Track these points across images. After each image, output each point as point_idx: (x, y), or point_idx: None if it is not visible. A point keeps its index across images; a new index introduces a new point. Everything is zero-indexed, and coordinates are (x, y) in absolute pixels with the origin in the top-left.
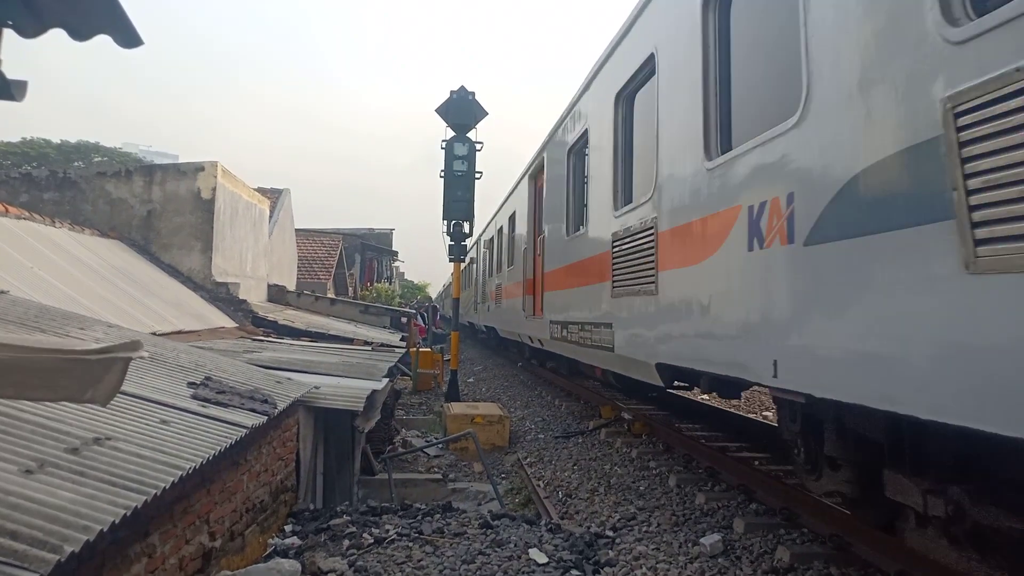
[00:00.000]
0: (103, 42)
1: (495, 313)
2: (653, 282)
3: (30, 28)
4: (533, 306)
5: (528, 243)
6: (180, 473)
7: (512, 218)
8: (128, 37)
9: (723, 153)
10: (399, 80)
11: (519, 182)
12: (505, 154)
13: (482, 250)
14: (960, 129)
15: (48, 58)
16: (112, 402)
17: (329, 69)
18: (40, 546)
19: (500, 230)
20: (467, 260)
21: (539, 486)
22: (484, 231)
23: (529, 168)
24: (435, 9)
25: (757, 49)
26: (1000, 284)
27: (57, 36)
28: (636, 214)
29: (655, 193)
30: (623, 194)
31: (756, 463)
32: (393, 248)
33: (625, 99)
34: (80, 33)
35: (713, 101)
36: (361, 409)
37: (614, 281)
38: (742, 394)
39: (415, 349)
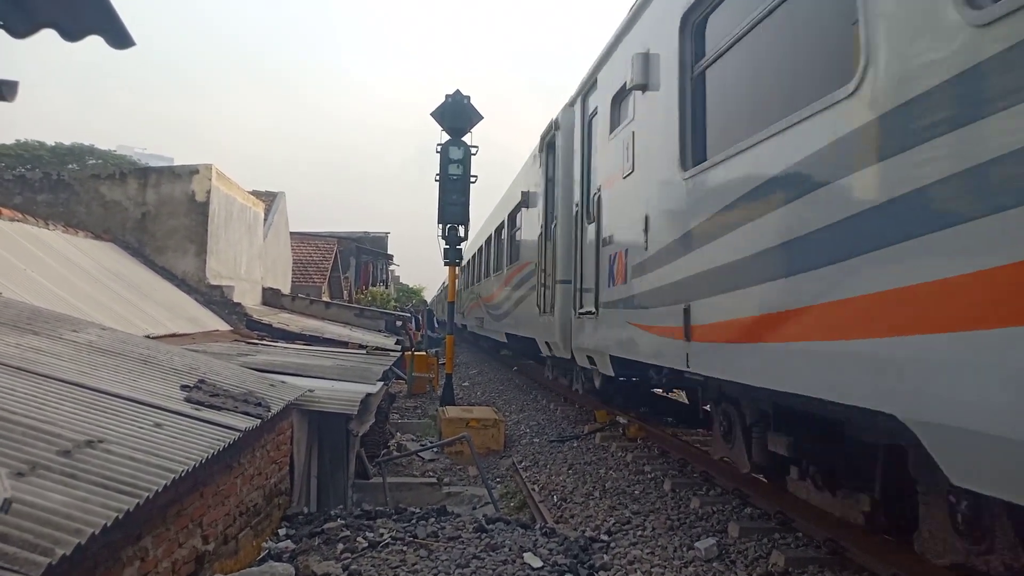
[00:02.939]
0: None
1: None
2: None
3: (21, 28)
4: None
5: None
6: (173, 476)
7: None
8: (120, 38)
9: None
10: (398, 78)
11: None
12: (505, 151)
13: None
14: None
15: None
16: (106, 405)
17: (328, 69)
18: (31, 549)
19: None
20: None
21: (534, 490)
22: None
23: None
24: (435, 9)
25: None
26: None
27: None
28: None
29: None
30: None
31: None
32: (388, 252)
33: None
34: (71, 33)
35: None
36: (355, 412)
37: None
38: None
39: (410, 353)
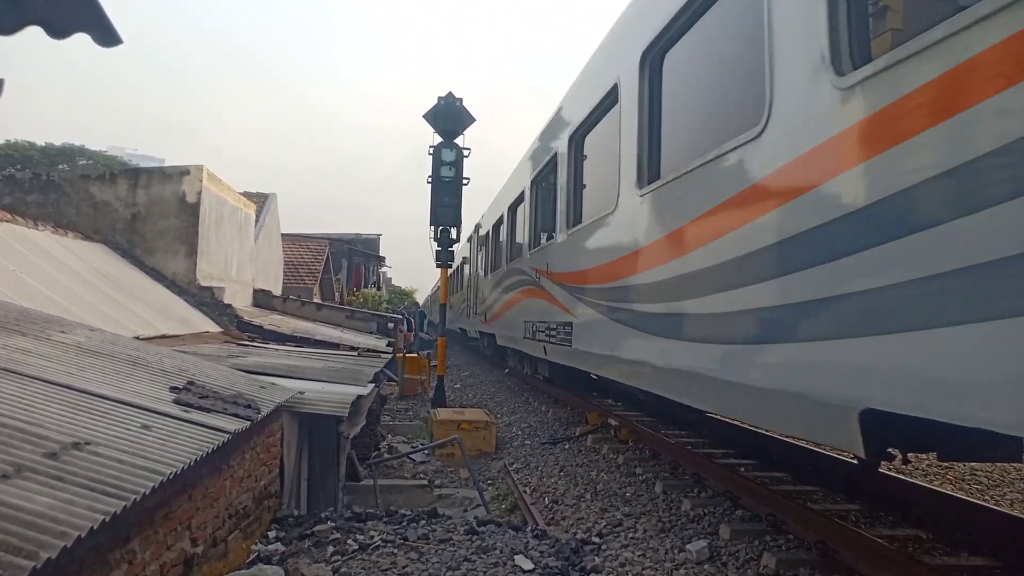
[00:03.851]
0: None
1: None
2: None
3: (7, 25)
4: None
5: None
6: (161, 478)
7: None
8: (107, 36)
9: None
10: (396, 79)
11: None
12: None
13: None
14: None
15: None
16: (93, 406)
17: (323, 69)
18: (15, 552)
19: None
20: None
21: (525, 492)
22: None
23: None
24: (434, 9)
25: None
26: None
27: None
28: None
29: None
30: None
31: (742, 469)
32: (380, 254)
33: None
34: (58, 31)
35: None
36: (346, 415)
37: None
38: None
39: (401, 354)
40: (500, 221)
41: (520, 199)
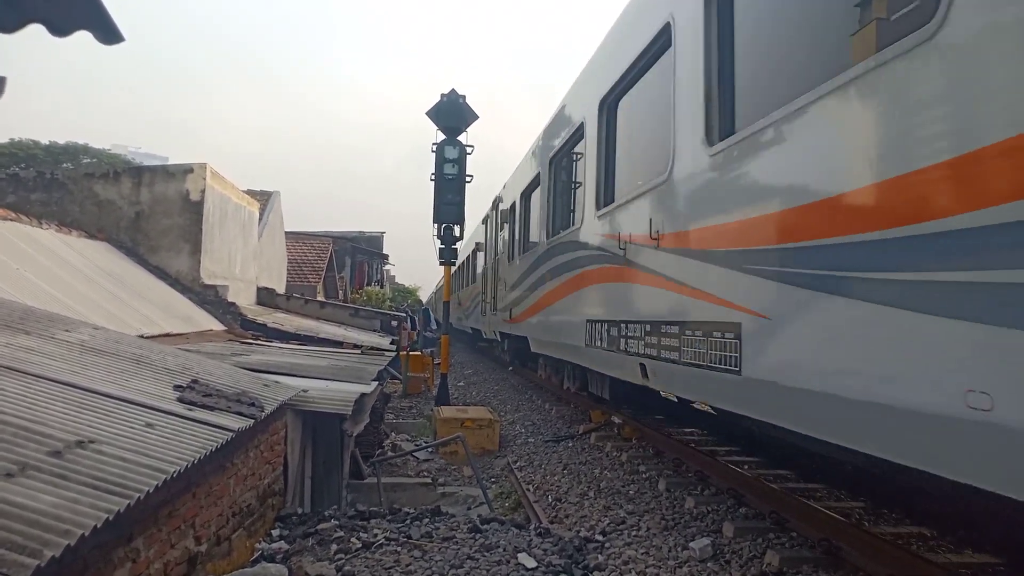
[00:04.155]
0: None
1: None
2: None
3: (8, 23)
4: None
5: None
6: (164, 477)
7: None
8: (108, 33)
9: None
10: (397, 76)
11: None
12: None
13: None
14: None
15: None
16: (97, 405)
17: (325, 67)
18: (19, 551)
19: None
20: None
21: (529, 490)
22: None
23: None
24: (435, 6)
25: None
26: None
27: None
28: None
29: None
30: None
31: (745, 467)
32: (384, 251)
33: None
34: (59, 29)
35: None
36: (350, 412)
37: None
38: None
39: (405, 352)
40: (535, 183)
41: (572, 140)
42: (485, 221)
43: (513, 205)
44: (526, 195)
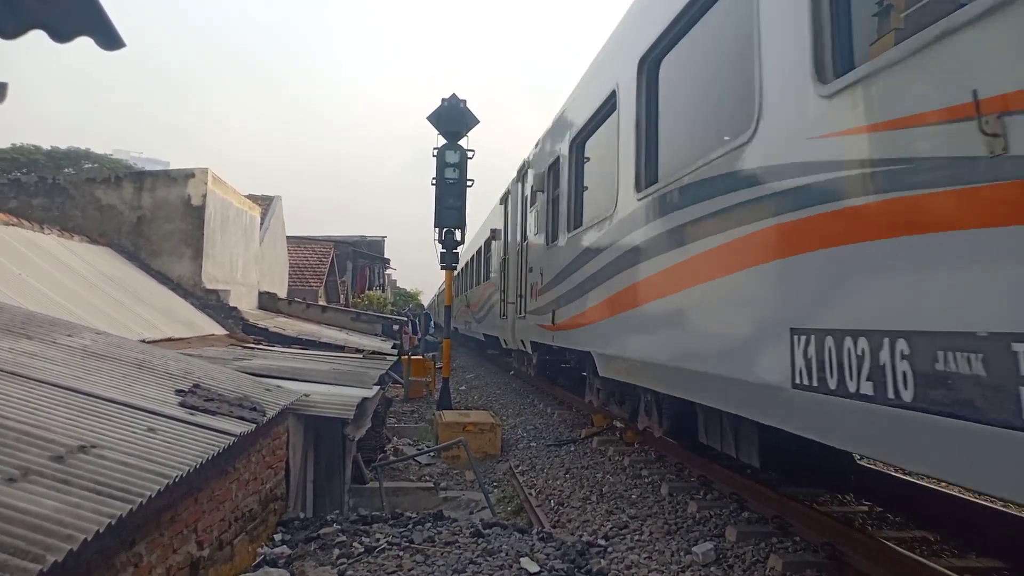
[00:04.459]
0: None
1: None
2: None
3: (9, 29)
4: None
5: None
6: (167, 481)
7: None
8: (109, 39)
9: None
10: (397, 80)
11: None
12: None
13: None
14: None
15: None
16: (99, 409)
17: (326, 72)
18: (22, 556)
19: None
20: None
21: (531, 494)
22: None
23: None
24: (435, 10)
25: None
26: None
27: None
28: None
29: None
30: None
31: (748, 472)
32: (385, 256)
33: None
34: (61, 34)
35: None
36: (351, 417)
37: None
38: None
39: (407, 357)
40: (591, 125)
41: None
42: (504, 200)
43: (556, 163)
44: (577, 144)
